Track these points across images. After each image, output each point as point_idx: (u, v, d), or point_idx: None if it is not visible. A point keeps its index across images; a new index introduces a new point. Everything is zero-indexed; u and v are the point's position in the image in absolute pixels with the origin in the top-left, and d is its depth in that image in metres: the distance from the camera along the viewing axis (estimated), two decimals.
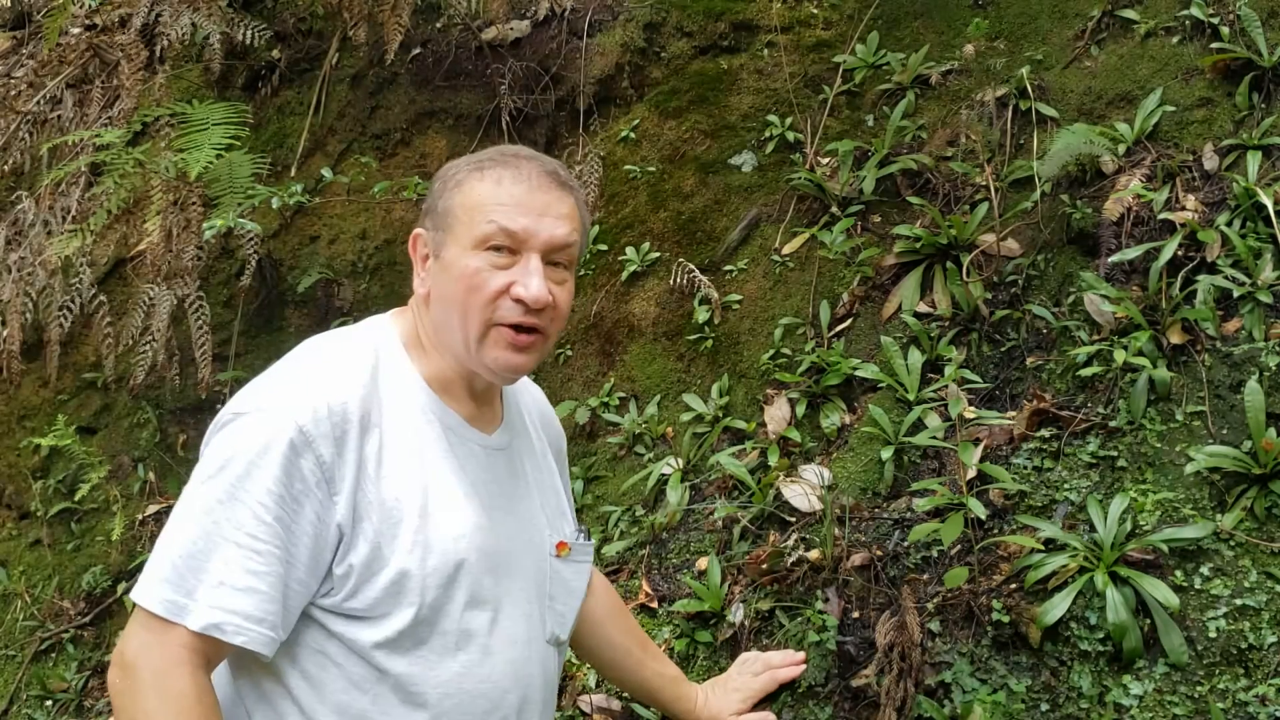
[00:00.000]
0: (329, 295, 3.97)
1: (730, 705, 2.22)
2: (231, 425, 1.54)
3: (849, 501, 2.64)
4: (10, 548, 4.14)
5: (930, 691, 2.24)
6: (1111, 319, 2.60)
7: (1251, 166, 2.67)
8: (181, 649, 1.44)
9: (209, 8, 3.80)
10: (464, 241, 1.58)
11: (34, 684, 3.72)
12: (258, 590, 1.46)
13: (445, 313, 1.62)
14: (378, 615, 1.53)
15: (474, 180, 1.60)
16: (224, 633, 1.44)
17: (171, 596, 1.45)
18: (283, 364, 1.63)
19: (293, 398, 1.53)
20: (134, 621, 1.49)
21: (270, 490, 1.47)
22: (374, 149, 4.13)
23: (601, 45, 3.88)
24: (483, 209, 1.57)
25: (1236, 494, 2.24)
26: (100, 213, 3.49)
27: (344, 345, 1.65)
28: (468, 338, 1.60)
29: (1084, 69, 3.18)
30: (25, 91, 3.97)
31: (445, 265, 1.60)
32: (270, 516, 1.47)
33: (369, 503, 1.53)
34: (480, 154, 1.66)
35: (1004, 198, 3.03)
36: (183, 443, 3.99)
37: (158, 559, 1.48)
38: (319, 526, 1.50)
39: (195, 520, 1.48)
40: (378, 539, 1.53)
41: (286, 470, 1.48)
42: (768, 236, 3.38)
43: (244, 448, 1.50)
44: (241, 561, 1.46)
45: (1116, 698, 2.09)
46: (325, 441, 1.50)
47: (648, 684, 2.19)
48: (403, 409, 1.59)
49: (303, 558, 1.50)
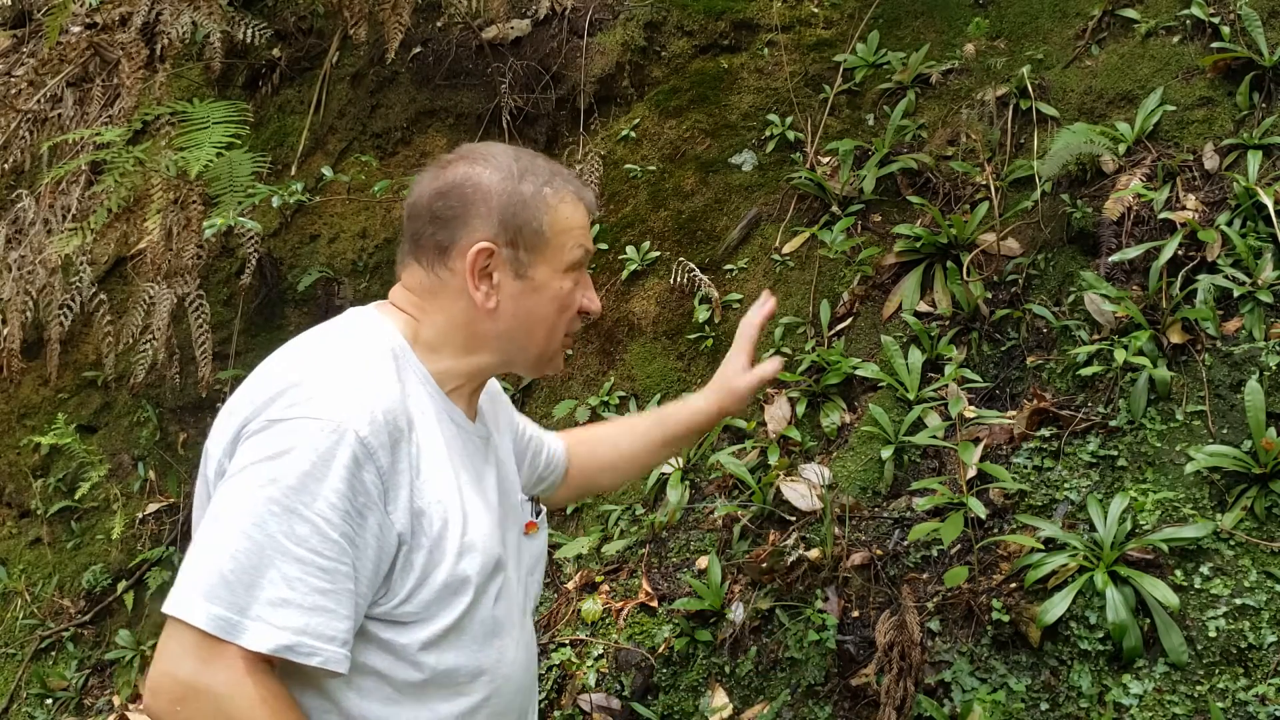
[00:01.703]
0: (329, 294, 3.97)
1: (730, 369, 2.11)
2: (273, 433, 1.45)
3: (849, 501, 2.64)
4: (10, 546, 4.14)
5: (930, 690, 2.24)
6: (1112, 318, 2.60)
7: (1252, 166, 2.67)
8: (243, 662, 1.38)
9: (209, 6, 3.80)
10: (557, 264, 1.63)
11: (34, 682, 3.72)
12: (327, 609, 1.41)
13: (526, 330, 1.65)
14: (426, 617, 1.52)
15: (556, 202, 1.64)
16: (297, 655, 1.38)
17: (222, 613, 1.37)
18: (305, 361, 1.56)
19: (344, 404, 1.46)
20: (174, 642, 1.39)
21: (334, 505, 1.41)
22: (374, 148, 4.13)
23: (602, 44, 3.88)
24: (572, 234, 1.64)
25: (1236, 494, 2.24)
26: (100, 211, 3.49)
27: (364, 344, 1.60)
28: (547, 351, 1.68)
29: (1084, 68, 3.18)
30: (26, 90, 3.96)
31: (537, 286, 1.63)
32: (336, 533, 1.41)
33: (421, 509, 1.51)
34: (534, 165, 1.66)
35: (1004, 197, 3.03)
36: (183, 441, 3.99)
37: (200, 571, 1.39)
38: (381, 539, 1.47)
39: (245, 533, 1.40)
40: (431, 543, 1.51)
41: (350, 484, 1.43)
42: (768, 235, 3.38)
43: (298, 458, 1.42)
44: (307, 580, 1.40)
45: (1116, 697, 2.09)
46: (384, 451, 1.47)
47: (666, 440, 2.14)
48: (426, 411, 1.59)
49: (366, 571, 1.46)
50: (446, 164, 1.66)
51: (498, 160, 1.64)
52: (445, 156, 1.69)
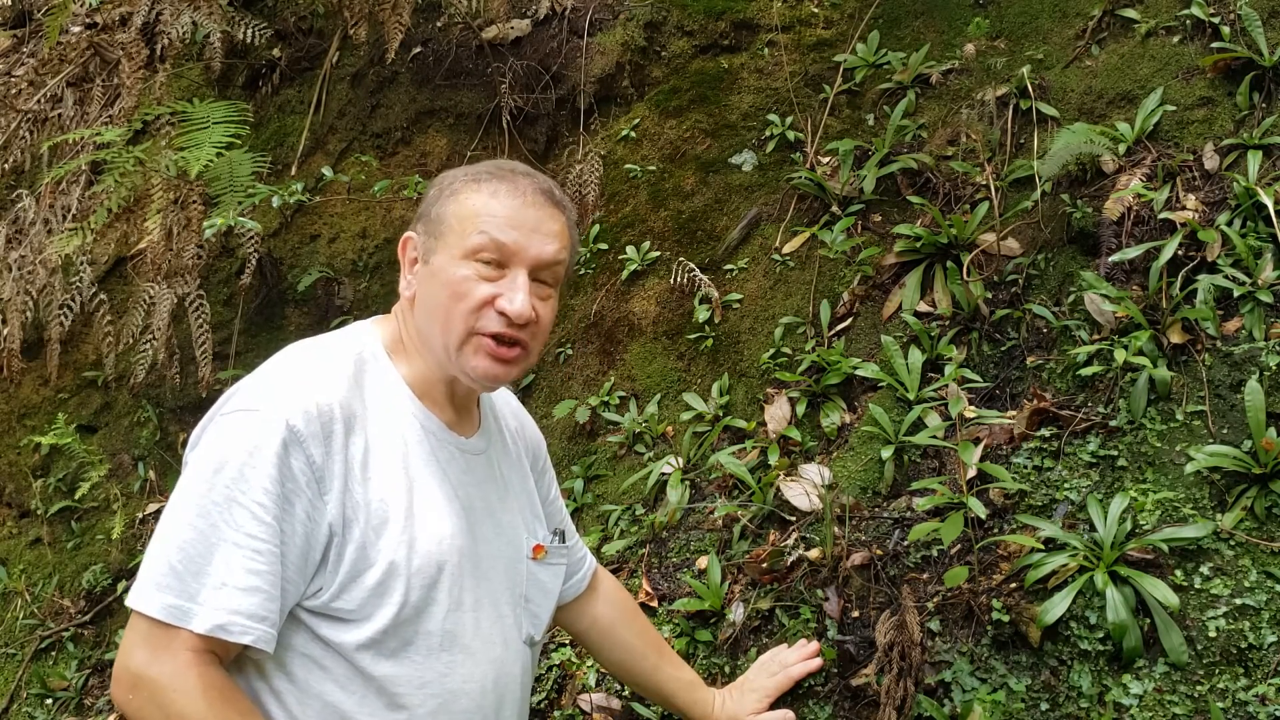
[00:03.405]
0: (329, 294, 3.97)
1: (747, 706, 2.22)
2: (218, 426, 1.54)
3: (849, 501, 2.64)
4: (10, 546, 4.14)
5: (930, 691, 2.24)
6: (1112, 318, 2.60)
7: (1252, 166, 2.67)
8: (190, 652, 1.44)
9: (209, 6, 3.80)
10: (454, 250, 1.62)
11: (34, 682, 3.73)
12: (260, 589, 1.46)
13: (429, 317, 1.66)
14: (362, 616, 1.56)
15: (469, 191, 1.64)
16: (230, 633, 1.45)
17: (174, 601, 1.45)
18: (266, 367, 1.64)
19: (280, 397, 1.53)
20: (132, 633, 1.48)
21: (267, 490, 1.48)
22: (374, 148, 4.13)
23: (602, 44, 3.88)
24: (475, 219, 1.62)
25: (1236, 493, 2.24)
26: (101, 211, 3.49)
27: (326, 349, 1.66)
28: (448, 344, 1.64)
29: (1084, 68, 3.18)
30: (26, 90, 3.96)
31: (433, 271, 1.64)
32: (269, 516, 1.48)
33: (356, 504, 1.55)
34: (477, 165, 1.70)
35: (1004, 197, 3.03)
36: (183, 441, 3.99)
37: (154, 563, 1.47)
38: (309, 525, 1.52)
39: (190, 524, 1.47)
40: (364, 539, 1.55)
41: (279, 469, 1.49)
42: (768, 235, 3.38)
43: (235, 449, 1.49)
44: (242, 561, 1.46)
45: (1116, 697, 2.09)
46: (315, 441, 1.52)
47: (663, 688, 2.20)
48: (387, 412, 1.62)
49: (293, 557, 1.51)
50: None
51: (478, 167, 1.69)
52: None
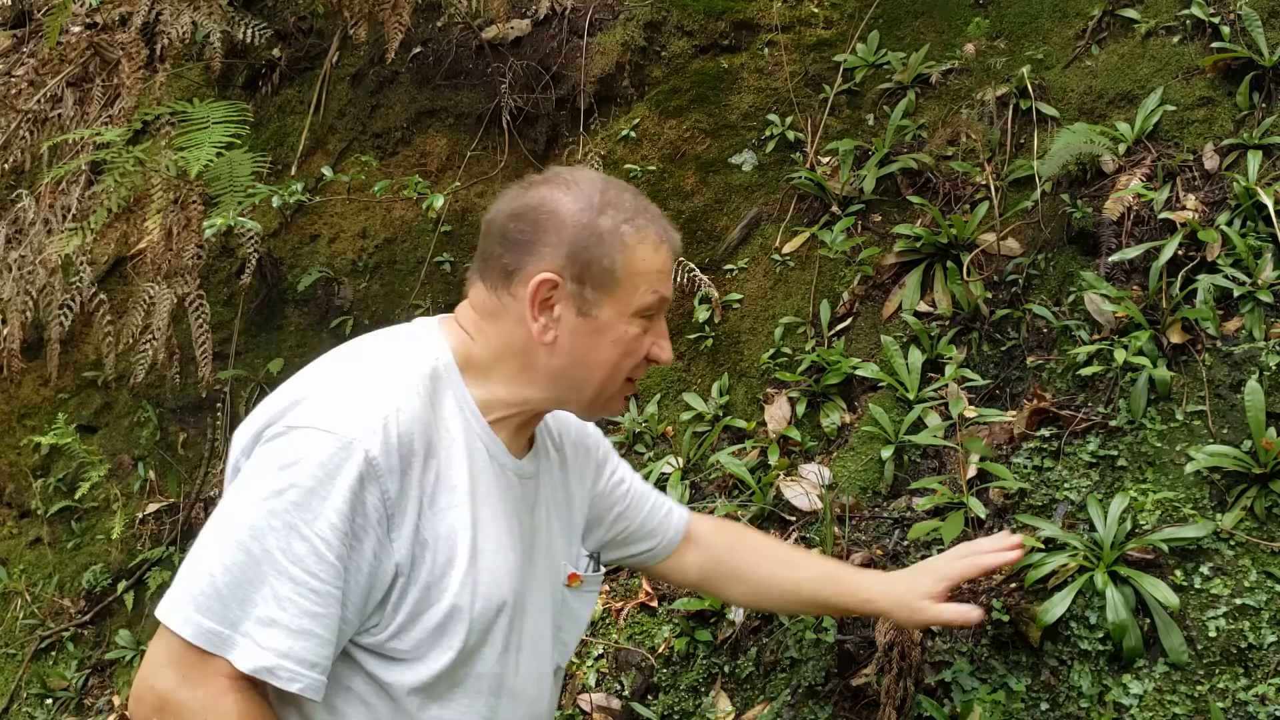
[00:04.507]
0: (329, 294, 3.97)
1: (920, 586, 1.88)
2: (286, 441, 1.40)
3: (849, 500, 2.64)
4: (10, 546, 4.14)
5: (930, 690, 2.24)
6: (1112, 318, 2.60)
7: (1252, 166, 2.67)
8: (225, 678, 1.34)
9: (209, 6, 3.80)
10: (624, 307, 1.52)
11: (34, 682, 3.73)
12: (314, 634, 1.35)
13: (583, 368, 1.54)
14: (416, 658, 1.46)
15: (636, 241, 1.52)
16: (277, 678, 1.34)
17: (213, 626, 1.34)
18: (334, 371, 1.49)
19: (359, 420, 1.39)
20: (161, 651, 1.38)
21: (334, 525, 1.35)
22: (374, 148, 4.13)
23: (602, 44, 3.88)
24: (647, 278, 1.53)
25: (1236, 493, 2.24)
26: (100, 211, 3.49)
27: (400, 356, 1.51)
28: (603, 393, 1.57)
29: (1084, 68, 3.18)
30: (26, 90, 3.96)
31: (599, 327, 1.52)
32: (332, 555, 1.35)
33: (424, 541, 1.44)
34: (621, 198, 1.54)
35: (1004, 197, 3.03)
36: (183, 441, 3.99)
37: (193, 579, 1.36)
38: (374, 565, 1.40)
39: (240, 544, 1.35)
40: (429, 579, 1.44)
41: (351, 504, 1.36)
42: (768, 235, 3.38)
43: (303, 472, 1.36)
44: (297, 600, 1.34)
45: (1116, 697, 2.09)
46: (392, 476, 1.39)
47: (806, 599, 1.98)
48: (458, 436, 1.50)
49: (354, 598, 1.40)
50: (530, 184, 1.56)
51: (582, 189, 1.53)
52: (533, 176, 1.58)
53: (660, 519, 1.95)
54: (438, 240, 3.83)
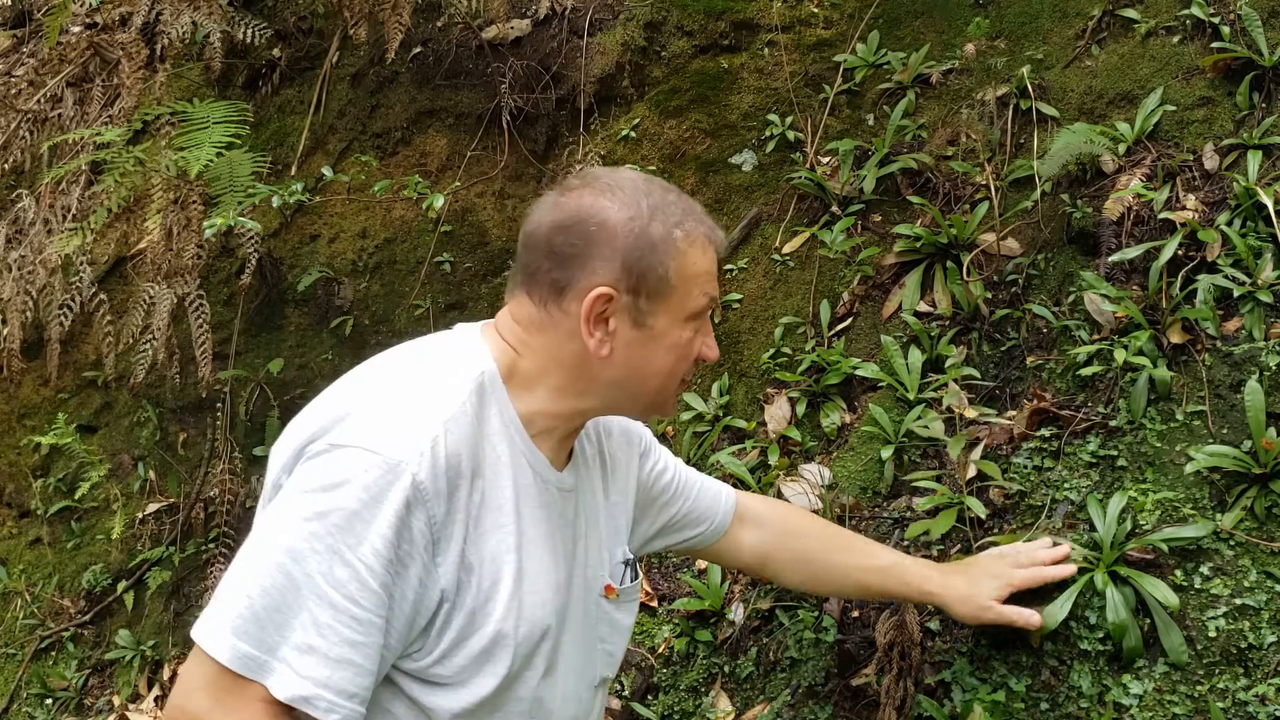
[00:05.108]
0: (329, 294, 3.97)
1: (984, 590, 1.99)
2: (329, 459, 1.35)
3: (849, 500, 2.64)
4: (10, 546, 4.14)
5: (930, 690, 2.24)
6: (1112, 318, 2.60)
7: (1252, 166, 2.67)
8: (261, 703, 1.30)
9: (209, 6, 3.80)
10: (678, 313, 1.50)
11: (34, 682, 3.73)
12: (353, 663, 1.31)
13: (639, 378, 1.51)
14: (458, 683, 1.42)
15: (687, 246, 1.49)
16: (314, 708, 1.30)
17: (250, 651, 1.30)
18: (379, 384, 1.45)
19: (405, 441, 1.35)
20: (195, 673, 1.33)
21: (378, 551, 1.31)
22: (374, 148, 4.14)
23: (602, 44, 3.88)
24: (698, 281, 1.50)
25: (1236, 493, 2.24)
26: (101, 211, 3.49)
27: (444, 369, 1.47)
28: (660, 399, 1.56)
29: (1084, 68, 3.18)
30: (26, 90, 3.97)
31: (655, 335, 1.49)
32: (376, 582, 1.32)
33: (470, 565, 1.40)
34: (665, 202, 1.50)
35: (1004, 197, 3.03)
36: (183, 441, 3.99)
37: (231, 602, 1.32)
38: (419, 591, 1.36)
39: (280, 566, 1.31)
40: (474, 605, 1.40)
41: (397, 530, 1.32)
42: (768, 235, 3.38)
43: (347, 494, 1.32)
44: (338, 628, 1.30)
45: (1116, 697, 2.09)
46: (439, 499, 1.35)
47: (865, 586, 2.03)
48: (503, 453, 1.46)
49: (398, 625, 1.36)
50: (569, 190, 1.51)
51: (626, 194, 1.48)
52: (569, 180, 1.53)
53: (709, 502, 1.94)
54: (438, 240, 3.83)
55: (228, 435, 3.76)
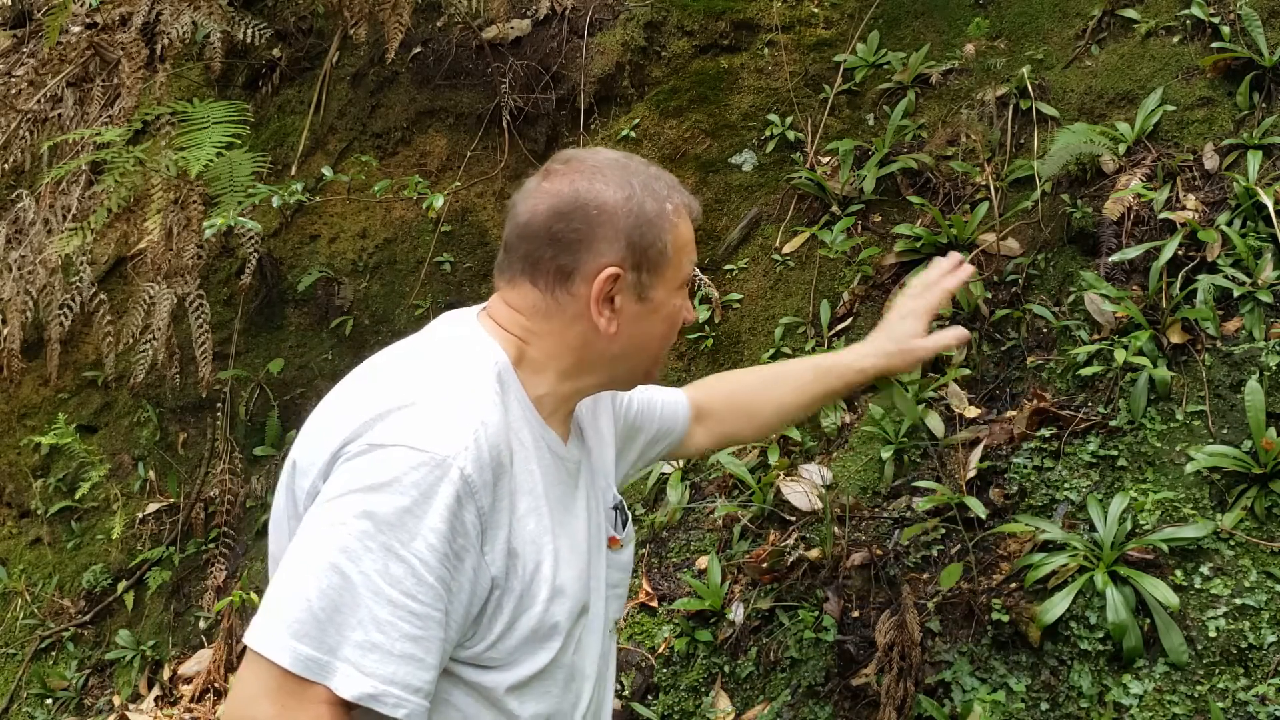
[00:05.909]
0: (329, 294, 3.97)
1: (906, 331, 1.98)
2: (372, 459, 1.36)
3: (849, 500, 2.64)
4: (10, 546, 4.14)
5: (930, 690, 2.24)
6: (1112, 318, 2.60)
7: (1252, 166, 2.67)
8: (325, 706, 1.29)
9: (209, 6, 3.80)
10: (672, 283, 1.56)
11: (34, 682, 3.73)
12: (416, 657, 1.32)
13: (638, 349, 1.58)
14: (510, 663, 1.45)
15: (678, 218, 1.56)
16: (383, 705, 1.30)
17: (311, 653, 1.29)
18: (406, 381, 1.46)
19: (449, 436, 1.36)
20: (253, 681, 1.31)
21: (433, 546, 1.32)
22: (374, 148, 4.14)
23: (602, 44, 3.88)
24: (686, 250, 1.58)
25: (1236, 493, 2.24)
26: (101, 211, 3.49)
27: (464, 361, 1.49)
28: (652, 368, 1.63)
29: (1084, 68, 3.18)
30: (26, 90, 3.97)
31: (655, 307, 1.55)
32: (432, 576, 1.33)
33: (514, 551, 1.42)
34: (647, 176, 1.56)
35: (1004, 197, 3.03)
36: (183, 441, 3.99)
37: (288, 605, 1.31)
38: (474, 582, 1.38)
39: (334, 566, 1.31)
40: (522, 588, 1.43)
41: (451, 524, 1.33)
42: (768, 235, 3.38)
43: (396, 493, 1.33)
44: (398, 624, 1.31)
45: (1116, 697, 2.09)
46: (486, 490, 1.38)
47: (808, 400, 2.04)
48: (526, 439, 1.49)
49: (458, 617, 1.37)
50: (553, 176, 1.53)
51: (615, 174, 1.53)
52: (550, 165, 1.55)
53: (671, 411, 2.00)
54: (438, 240, 3.83)
55: (228, 435, 3.76)
